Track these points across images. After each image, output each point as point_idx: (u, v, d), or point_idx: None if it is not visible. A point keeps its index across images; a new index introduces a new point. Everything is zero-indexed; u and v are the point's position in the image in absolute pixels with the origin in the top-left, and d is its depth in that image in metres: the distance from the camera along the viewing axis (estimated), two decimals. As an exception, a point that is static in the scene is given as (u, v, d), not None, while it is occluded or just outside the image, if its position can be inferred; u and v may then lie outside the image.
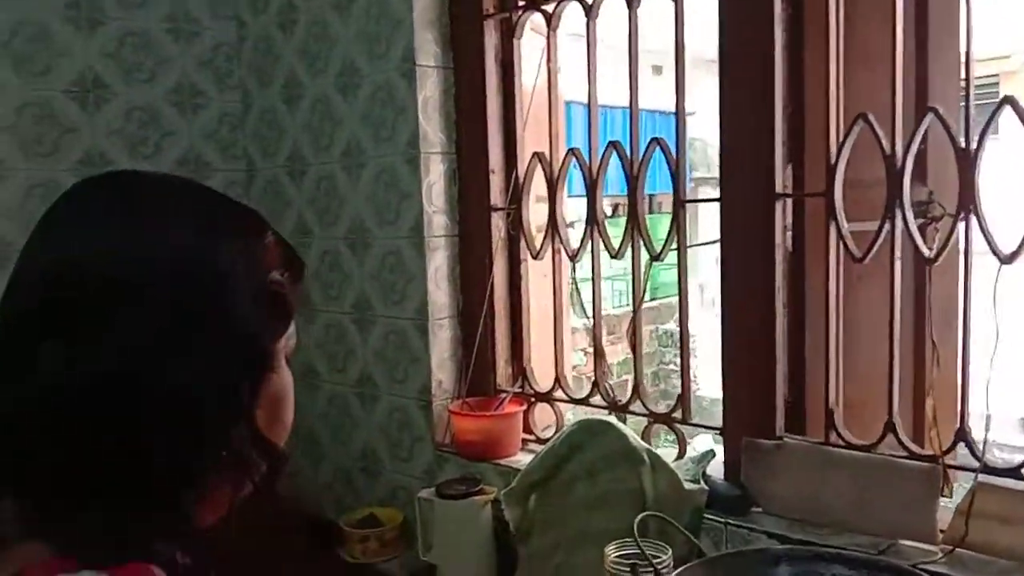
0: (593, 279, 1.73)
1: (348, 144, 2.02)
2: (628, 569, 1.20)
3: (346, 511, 2.00)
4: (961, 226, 1.23)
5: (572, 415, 1.86)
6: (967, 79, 1.26)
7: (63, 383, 0.62)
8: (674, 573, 1.06)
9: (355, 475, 2.12)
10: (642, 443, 1.50)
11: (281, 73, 2.18)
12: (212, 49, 2.26)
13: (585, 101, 1.74)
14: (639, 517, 1.17)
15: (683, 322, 1.61)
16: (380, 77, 1.92)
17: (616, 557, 1.25)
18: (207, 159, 2.29)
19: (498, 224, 1.88)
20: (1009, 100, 1.18)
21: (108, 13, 2.09)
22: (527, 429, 1.87)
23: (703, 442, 1.67)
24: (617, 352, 6.42)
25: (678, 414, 1.61)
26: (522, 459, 1.76)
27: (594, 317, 1.75)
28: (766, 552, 1.11)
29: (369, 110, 1.95)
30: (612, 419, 1.57)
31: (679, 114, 1.55)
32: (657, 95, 3.04)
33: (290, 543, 2.10)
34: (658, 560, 1.17)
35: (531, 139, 1.87)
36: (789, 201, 1.46)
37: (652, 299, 7.57)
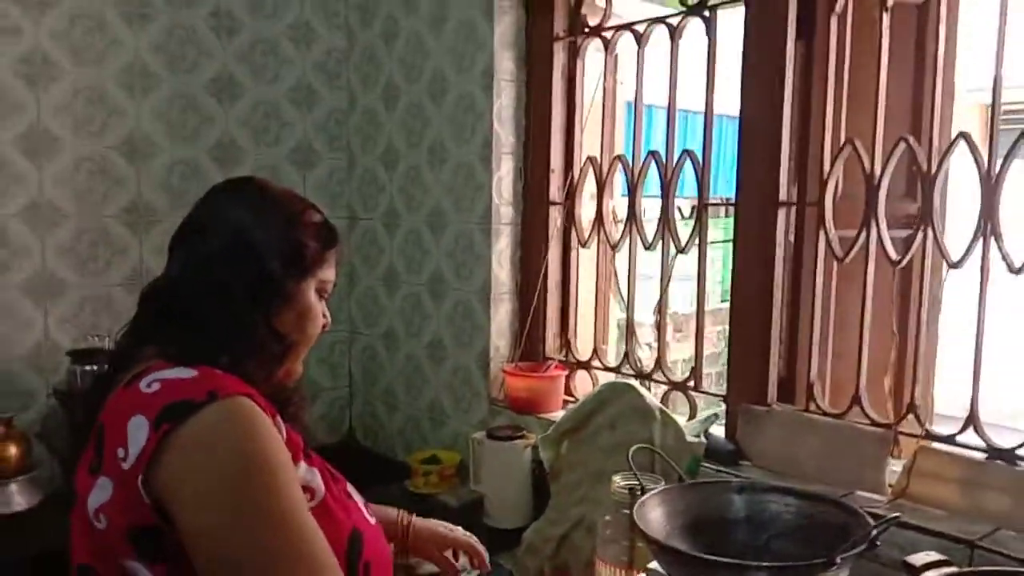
0: (629, 268, 2.05)
1: (434, 142, 2.38)
2: (627, 491, 1.52)
3: (414, 451, 2.37)
4: (919, 237, 1.50)
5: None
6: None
7: (171, 276, 1.18)
8: (654, 491, 1.37)
9: (423, 422, 2.49)
10: (656, 403, 1.81)
11: (382, 79, 2.55)
12: (325, 54, 2.65)
13: (663, 105, 2.01)
14: (633, 448, 1.48)
15: (700, 306, 1.90)
16: (464, 87, 2.27)
17: (621, 484, 1.57)
18: (316, 148, 2.68)
19: (555, 216, 2.21)
20: (963, 135, 1.45)
21: (242, 21, 2.50)
22: (568, 391, 2.20)
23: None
24: (684, 349, 6.72)
25: (692, 383, 1.92)
26: (561, 415, 2.09)
27: (628, 301, 2.06)
28: (730, 483, 1.41)
29: (453, 114, 2.31)
30: (634, 382, 1.88)
31: (707, 130, 1.85)
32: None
33: (366, 476, 2.48)
34: (650, 488, 1.48)
35: (602, 143, 2.17)
36: (793, 209, 1.75)
37: (723, 301, 7.85)
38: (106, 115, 2.32)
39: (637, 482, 1.50)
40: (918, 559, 1.16)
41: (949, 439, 1.49)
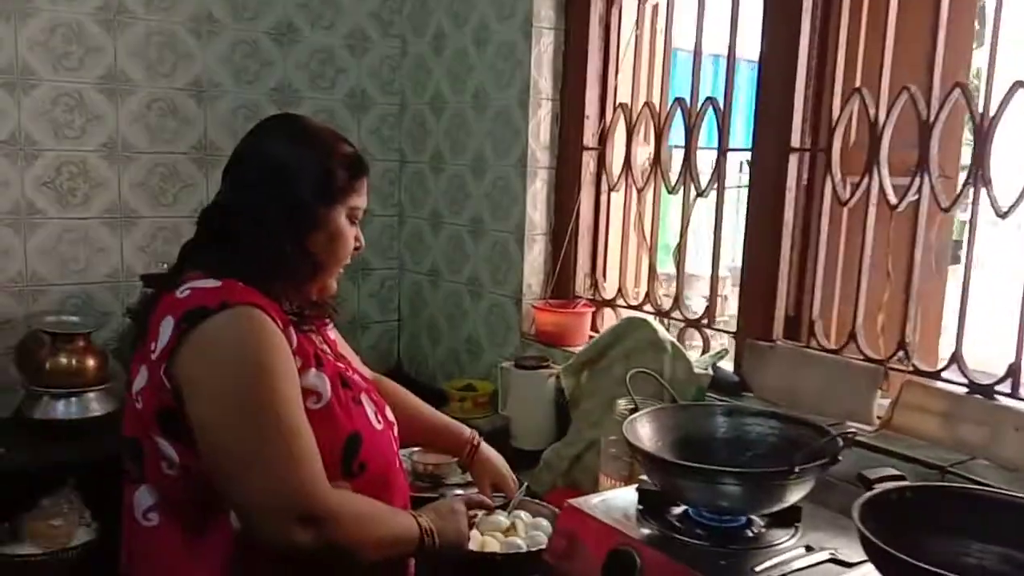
0: (653, 209, 2.15)
1: (477, 88, 2.50)
2: (628, 412, 1.64)
3: (452, 379, 2.54)
4: (916, 183, 1.57)
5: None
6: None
7: (218, 201, 1.35)
8: (646, 410, 1.49)
9: (462, 354, 2.66)
10: (668, 337, 1.92)
11: (432, 26, 2.67)
12: (379, 3, 2.78)
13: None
14: (631, 372, 1.61)
15: (716, 248, 2.00)
16: (506, 34, 2.38)
17: (624, 407, 1.70)
18: (370, 94, 2.83)
19: (588, 161, 2.32)
20: (959, 84, 1.50)
21: (302, -28, 2.66)
22: (594, 327, 2.32)
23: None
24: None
25: (705, 321, 2.02)
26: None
27: (649, 241, 2.16)
28: (717, 406, 1.53)
29: (494, 61, 2.42)
30: (649, 318, 2.00)
31: (728, 80, 1.93)
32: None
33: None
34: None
35: (633, 90, 2.26)
36: (807, 155, 1.82)
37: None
38: (176, 59, 2.50)
39: (634, 404, 1.63)
40: (874, 473, 1.26)
41: (934, 375, 1.57)
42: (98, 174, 2.45)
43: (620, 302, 2.28)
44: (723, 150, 1.95)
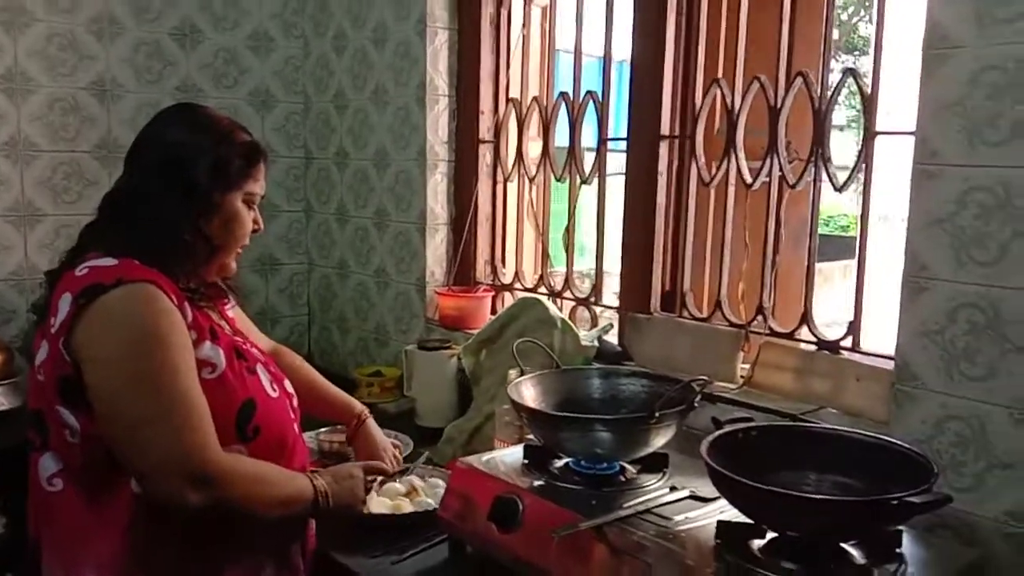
0: (544, 197, 2.29)
1: (377, 86, 2.61)
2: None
3: (361, 367, 2.63)
4: (767, 164, 1.75)
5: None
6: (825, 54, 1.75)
7: (119, 185, 1.42)
8: (530, 375, 1.63)
9: (370, 343, 2.76)
10: (559, 314, 2.06)
11: (332, 27, 2.77)
12: (282, 5, 2.86)
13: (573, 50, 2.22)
14: (516, 343, 1.74)
15: (600, 231, 2.15)
16: (402, 35, 2.49)
17: (514, 377, 1.83)
18: (273, 92, 2.90)
19: (484, 153, 2.45)
20: (800, 73, 1.68)
21: (203, -26, 2.72)
22: (494, 311, 2.45)
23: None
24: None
25: (593, 299, 2.17)
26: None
27: (542, 228, 2.31)
28: (594, 370, 1.67)
29: (393, 60, 2.53)
30: (541, 297, 2.14)
31: (606, 75, 2.08)
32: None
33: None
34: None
35: (522, 86, 2.40)
36: (675, 142, 1.98)
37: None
38: (77, 59, 2.54)
39: (523, 373, 1.76)
40: (725, 416, 1.42)
41: (788, 335, 1.75)
42: (0, 173, 2.46)
43: (518, 285, 2.41)
44: (603, 139, 2.11)
